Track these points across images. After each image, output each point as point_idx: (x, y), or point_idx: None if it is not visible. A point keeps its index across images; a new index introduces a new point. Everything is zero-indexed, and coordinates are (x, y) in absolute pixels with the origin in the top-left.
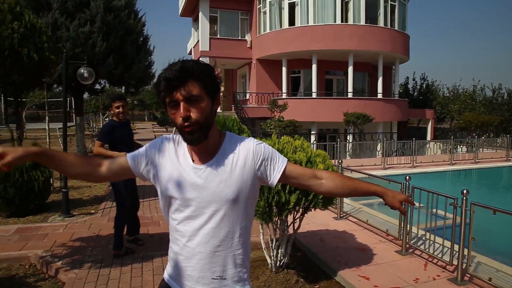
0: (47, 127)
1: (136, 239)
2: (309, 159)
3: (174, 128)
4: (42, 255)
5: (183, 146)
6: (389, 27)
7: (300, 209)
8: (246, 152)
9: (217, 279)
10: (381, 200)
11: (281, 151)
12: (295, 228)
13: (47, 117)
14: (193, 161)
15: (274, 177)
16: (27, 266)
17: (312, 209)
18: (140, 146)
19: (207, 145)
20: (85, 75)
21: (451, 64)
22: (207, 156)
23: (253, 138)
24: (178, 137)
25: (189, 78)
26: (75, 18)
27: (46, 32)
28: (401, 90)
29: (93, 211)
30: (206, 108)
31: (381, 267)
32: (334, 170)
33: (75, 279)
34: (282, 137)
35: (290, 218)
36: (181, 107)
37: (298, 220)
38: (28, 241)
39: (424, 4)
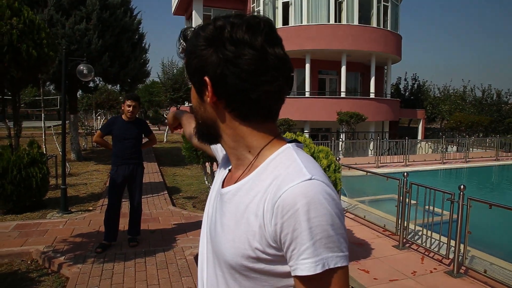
0: (43, 125)
1: (130, 239)
2: (313, 154)
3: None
4: (44, 251)
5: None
6: (382, 27)
7: None
8: (267, 197)
9: None
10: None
11: None
12: None
13: (43, 115)
14: (223, 181)
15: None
16: (29, 262)
17: None
18: (150, 144)
19: (238, 156)
20: (85, 71)
21: (442, 65)
22: (235, 178)
23: (298, 177)
24: None
25: None
26: (70, 15)
27: (45, 28)
28: (392, 90)
29: (91, 208)
30: None
31: (379, 261)
32: (336, 165)
33: (79, 273)
34: (285, 134)
35: None
36: None
37: None
38: (28, 237)
39: (415, 5)
